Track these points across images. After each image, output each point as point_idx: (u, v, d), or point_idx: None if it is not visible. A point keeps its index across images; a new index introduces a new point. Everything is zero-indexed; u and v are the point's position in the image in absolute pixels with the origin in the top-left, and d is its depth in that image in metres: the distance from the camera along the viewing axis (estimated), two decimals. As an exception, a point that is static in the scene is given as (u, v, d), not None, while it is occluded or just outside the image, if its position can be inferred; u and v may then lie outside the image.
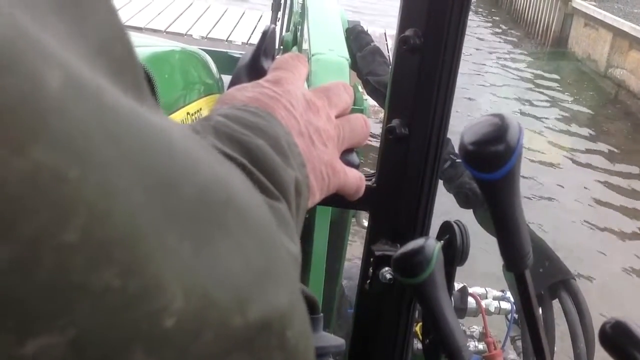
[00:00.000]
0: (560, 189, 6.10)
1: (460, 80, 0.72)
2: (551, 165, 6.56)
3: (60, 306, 0.19)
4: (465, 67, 8.39)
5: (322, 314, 0.79)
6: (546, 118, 7.95)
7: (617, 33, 9.36)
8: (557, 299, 1.27)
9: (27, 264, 0.18)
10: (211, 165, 0.26)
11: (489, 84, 9.01)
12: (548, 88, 9.15)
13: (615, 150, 7.21)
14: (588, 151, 7.05)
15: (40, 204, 0.18)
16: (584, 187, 6.18)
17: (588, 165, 6.65)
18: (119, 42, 0.24)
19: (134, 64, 0.25)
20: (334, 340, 0.78)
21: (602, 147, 7.25)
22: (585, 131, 7.69)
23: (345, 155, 0.57)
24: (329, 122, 0.54)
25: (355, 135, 0.57)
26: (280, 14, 3.55)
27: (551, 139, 7.29)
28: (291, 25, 3.08)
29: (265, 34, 0.61)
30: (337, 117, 0.56)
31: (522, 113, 7.88)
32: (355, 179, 0.57)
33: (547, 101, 8.60)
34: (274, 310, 0.26)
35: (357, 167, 0.59)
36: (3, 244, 0.18)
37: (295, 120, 0.49)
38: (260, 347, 0.25)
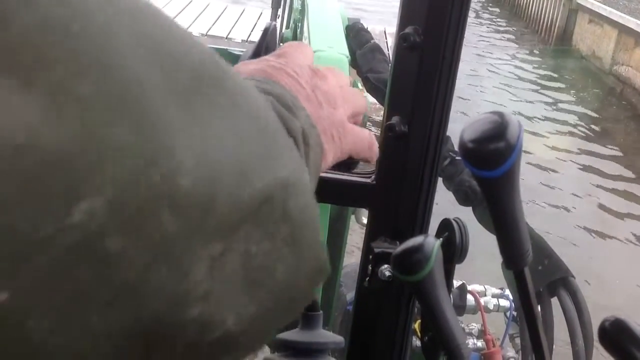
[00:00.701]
0: (562, 188, 6.10)
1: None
2: (552, 164, 6.55)
3: (94, 162, 0.20)
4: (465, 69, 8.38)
5: (321, 312, 0.79)
6: (547, 117, 7.94)
7: (623, 30, 9.34)
8: (556, 297, 1.27)
9: (54, 114, 0.19)
10: (207, 49, 0.27)
11: (490, 84, 9.00)
12: (551, 86, 9.14)
13: (620, 148, 7.20)
14: (590, 151, 7.03)
15: (56, 55, 0.19)
16: (586, 188, 6.17)
17: (589, 167, 6.63)
18: None
19: None
20: (333, 338, 0.79)
21: (605, 146, 7.24)
22: (588, 130, 7.67)
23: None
24: (336, 88, 0.54)
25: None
26: (280, 11, 3.54)
27: (553, 138, 7.28)
28: (291, 23, 3.08)
29: (266, 31, 0.62)
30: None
31: (523, 112, 7.88)
32: (367, 138, 0.56)
33: (550, 98, 8.59)
34: (275, 182, 0.27)
35: (356, 164, 0.59)
36: (29, 92, 0.19)
37: (301, 86, 0.50)
38: (266, 220, 0.26)
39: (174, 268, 0.23)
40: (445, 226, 0.72)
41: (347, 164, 0.58)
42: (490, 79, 9.18)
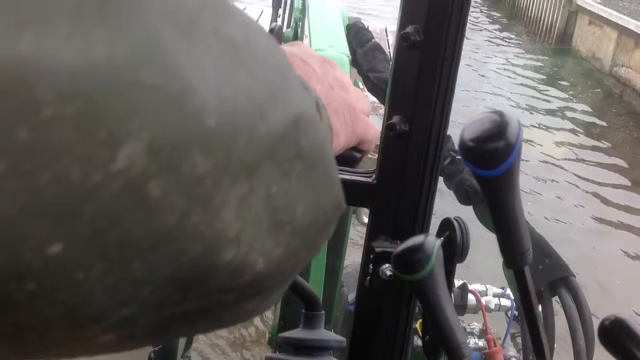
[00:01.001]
0: (562, 189, 6.10)
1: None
2: (552, 166, 6.55)
3: (128, 106, 0.20)
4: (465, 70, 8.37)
5: (323, 312, 0.79)
6: (547, 118, 7.93)
7: (623, 31, 9.34)
8: (557, 296, 1.27)
9: (88, 57, 0.20)
10: None
11: (491, 85, 8.99)
12: (551, 87, 9.13)
13: (621, 150, 7.19)
14: (591, 152, 7.03)
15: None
16: (587, 189, 6.17)
17: (589, 169, 6.62)
18: None
19: None
20: (335, 337, 0.79)
21: (605, 148, 7.24)
22: (589, 132, 7.67)
23: (346, 151, 0.57)
24: (347, 75, 0.55)
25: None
26: (280, 11, 3.54)
27: (554, 139, 7.27)
28: (292, 22, 3.08)
29: (271, 31, 0.62)
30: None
31: (524, 111, 7.87)
32: (376, 127, 0.57)
33: (550, 100, 8.58)
34: (288, 119, 0.27)
35: (359, 160, 0.59)
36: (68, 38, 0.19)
37: (312, 70, 0.51)
38: (282, 157, 0.26)
39: (208, 211, 0.23)
40: (446, 225, 0.72)
41: (352, 157, 0.58)
42: (490, 81, 9.18)
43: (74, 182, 0.20)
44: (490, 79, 9.13)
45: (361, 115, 0.54)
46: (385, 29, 5.10)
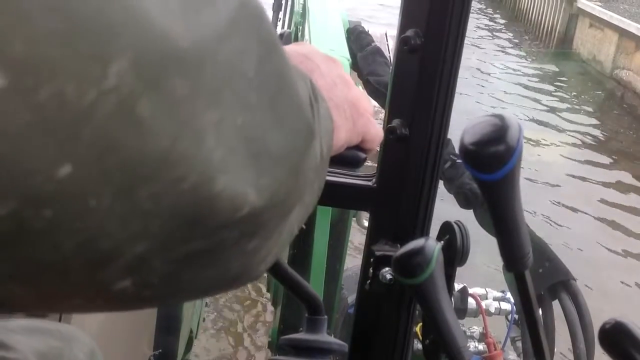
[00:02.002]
0: (562, 192, 6.09)
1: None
2: (551, 168, 6.54)
3: (114, 25, 0.21)
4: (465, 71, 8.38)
5: (325, 317, 0.80)
6: (549, 120, 7.93)
7: (623, 34, 9.35)
8: (557, 300, 1.28)
9: None
10: None
11: (492, 86, 9.00)
12: (552, 90, 9.14)
13: (621, 152, 7.19)
14: (591, 154, 7.03)
15: None
16: (586, 191, 6.16)
17: (589, 171, 6.62)
18: None
19: None
20: (336, 341, 0.79)
21: (608, 149, 7.24)
22: (589, 134, 7.67)
23: (350, 150, 0.58)
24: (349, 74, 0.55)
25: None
26: (281, 14, 3.55)
27: (555, 140, 7.27)
28: (292, 25, 3.08)
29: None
30: None
31: (524, 114, 7.88)
32: (377, 127, 0.58)
33: (550, 103, 8.58)
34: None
35: (363, 161, 0.59)
36: None
37: (316, 65, 0.52)
38: (240, 87, 0.28)
39: (193, 133, 0.24)
40: (446, 229, 0.72)
41: (355, 157, 0.58)
42: (491, 83, 9.19)
43: (71, 98, 0.21)
44: (490, 80, 9.15)
45: (363, 112, 0.55)
46: (385, 34, 5.10)
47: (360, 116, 0.54)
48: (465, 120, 0.54)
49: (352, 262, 2.38)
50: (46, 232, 0.22)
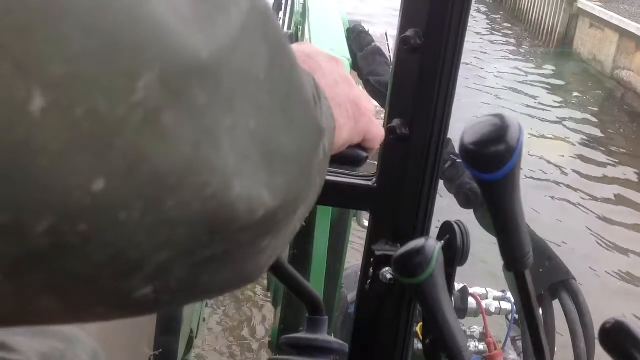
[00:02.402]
0: (562, 193, 6.09)
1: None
2: (552, 169, 6.54)
3: (141, 39, 0.22)
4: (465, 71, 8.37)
5: (326, 317, 0.80)
6: (550, 120, 7.93)
7: (624, 34, 9.34)
8: (557, 299, 1.28)
9: None
10: None
11: (491, 86, 8.99)
12: (552, 90, 9.13)
13: (622, 153, 7.18)
14: (591, 155, 7.02)
15: None
16: (587, 193, 6.16)
17: (590, 172, 6.61)
18: None
19: None
20: (338, 341, 0.79)
21: (608, 149, 7.23)
22: (590, 134, 7.66)
23: (352, 149, 0.58)
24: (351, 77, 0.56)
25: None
26: (281, 14, 3.55)
27: (555, 140, 7.27)
28: (292, 25, 3.08)
29: None
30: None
31: (524, 114, 7.87)
32: (379, 126, 0.58)
33: (551, 103, 8.58)
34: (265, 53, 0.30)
35: (365, 159, 0.60)
36: None
37: (318, 65, 0.52)
38: (250, 92, 0.28)
39: (212, 140, 0.25)
40: (447, 229, 0.72)
41: (357, 156, 0.58)
42: (491, 83, 9.19)
43: (103, 114, 0.21)
44: (491, 82, 9.14)
45: (365, 111, 0.55)
46: (386, 34, 5.10)
47: (362, 115, 0.55)
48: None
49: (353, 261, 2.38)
50: (80, 246, 0.23)
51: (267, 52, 0.29)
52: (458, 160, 1.55)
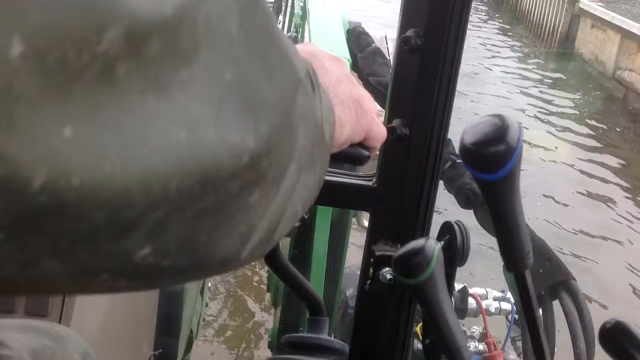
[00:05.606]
0: (562, 193, 6.09)
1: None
2: (552, 170, 6.54)
3: None
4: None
5: (327, 318, 0.80)
6: (550, 120, 7.93)
7: (626, 34, 9.33)
8: (557, 300, 1.27)
9: None
10: None
11: (493, 87, 8.99)
12: (554, 90, 9.13)
13: (622, 153, 7.18)
14: (594, 157, 7.01)
15: None
16: (587, 193, 6.16)
17: (590, 173, 6.61)
18: None
19: None
20: (338, 341, 0.79)
21: (609, 149, 7.23)
22: (591, 134, 7.66)
23: (354, 148, 0.58)
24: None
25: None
26: (281, 16, 3.55)
27: (556, 140, 7.27)
28: (292, 28, 3.08)
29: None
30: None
31: (526, 115, 7.87)
32: (381, 125, 0.58)
33: (552, 103, 8.58)
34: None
35: (367, 158, 0.60)
36: None
37: (321, 64, 0.54)
38: (222, 44, 0.29)
39: (159, 91, 0.26)
40: (447, 229, 0.72)
41: (359, 155, 0.58)
42: (490, 83, 9.19)
43: (71, 61, 0.23)
44: (491, 82, 9.14)
45: (367, 110, 0.55)
46: (385, 36, 5.10)
47: (364, 114, 0.55)
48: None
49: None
50: (77, 204, 0.24)
51: (238, 5, 0.30)
52: (458, 161, 1.55)
